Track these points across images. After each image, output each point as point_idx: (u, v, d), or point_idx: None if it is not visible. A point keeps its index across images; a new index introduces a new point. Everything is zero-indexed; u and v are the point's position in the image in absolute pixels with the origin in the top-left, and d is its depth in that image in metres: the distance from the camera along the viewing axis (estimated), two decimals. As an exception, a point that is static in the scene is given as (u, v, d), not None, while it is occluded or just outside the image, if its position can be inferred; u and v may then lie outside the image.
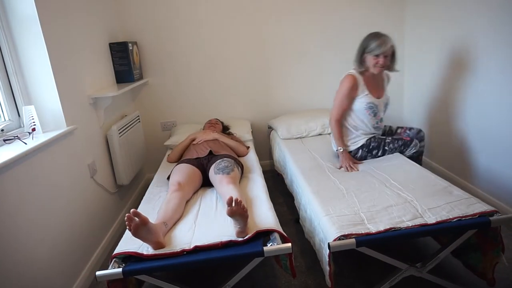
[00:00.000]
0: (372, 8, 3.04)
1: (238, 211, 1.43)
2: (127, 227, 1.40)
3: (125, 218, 1.39)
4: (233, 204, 1.42)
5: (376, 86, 2.19)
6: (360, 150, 2.22)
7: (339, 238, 1.41)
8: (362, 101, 2.13)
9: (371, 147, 2.21)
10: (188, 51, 3.01)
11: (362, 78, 2.14)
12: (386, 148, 2.22)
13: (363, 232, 1.44)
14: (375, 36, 2.05)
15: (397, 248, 1.96)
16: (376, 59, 2.05)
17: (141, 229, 1.41)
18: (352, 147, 2.23)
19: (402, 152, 2.23)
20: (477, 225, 1.44)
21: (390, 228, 1.44)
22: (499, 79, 2.12)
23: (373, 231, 1.44)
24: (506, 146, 2.13)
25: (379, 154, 2.23)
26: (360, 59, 2.13)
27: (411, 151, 2.21)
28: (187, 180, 1.95)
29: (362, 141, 2.22)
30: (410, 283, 1.66)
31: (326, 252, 1.46)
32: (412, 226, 1.45)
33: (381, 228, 1.45)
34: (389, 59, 2.09)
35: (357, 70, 2.16)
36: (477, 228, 1.46)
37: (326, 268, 1.48)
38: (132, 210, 1.40)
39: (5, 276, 1.35)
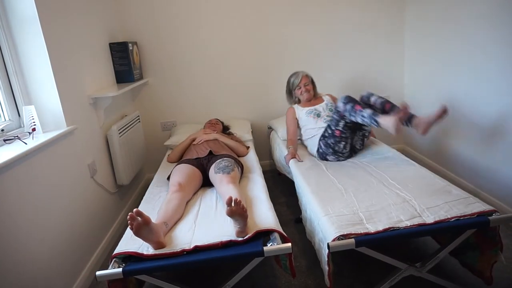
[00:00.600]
0: (372, 8, 3.04)
1: (238, 211, 1.43)
2: (129, 226, 1.41)
3: (128, 217, 1.39)
4: (233, 204, 1.43)
5: (313, 105, 2.52)
6: (320, 142, 2.29)
7: (338, 238, 1.41)
8: (303, 113, 2.49)
9: (322, 132, 2.29)
10: (188, 51, 3.01)
11: (298, 105, 2.58)
12: (327, 120, 2.24)
13: (361, 232, 1.44)
14: (291, 75, 2.59)
15: (397, 247, 1.97)
16: (300, 89, 2.52)
17: (143, 228, 1.41)
18: (316, 145, 2.34)
19: (343, 115, 2.11)
20: (476, 224, 1.44)
21: (389, 228, 1.45)
22: (499, 79, 2.13)
23: (372, 231, 1.44)
24: (506, 145, 2.14)
25: (329, 131, 2.22)
26: (291, 96, 2.63)
27: (346, 103, 2.05)
28: (188, 181, 1.95)
29: (317, 136, 2.34)
30: (409, 283, 1.67)
31: (325, 252, 1.46)
32: (410, 225, 1.46)
33: (380, 228, 1.45)
34: (311, 86, 2.54)
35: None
36: (476, 228, 1.46)
37: (325, 267, 1.48)
38: (135, 209, 1.41)
39: (5, 276, 1.35)
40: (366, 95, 2.19)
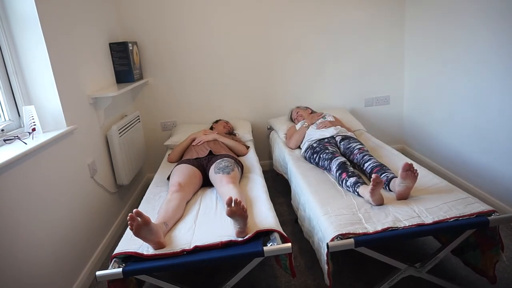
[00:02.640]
0: (372, 8, 3.04)
1: (238, 211, 1.43)
2: (129, 226, 1.41)
3: (128, 217, 1.39)
4: (233, 205, 1.43)
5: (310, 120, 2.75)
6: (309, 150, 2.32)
7: (336, 237, 1.42)
8: (299, 124, 2.72)
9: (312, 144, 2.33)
10: (188, 51, 3.01)
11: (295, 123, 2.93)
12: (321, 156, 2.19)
13: (360, 231, 1.44)
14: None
15: (397, 247, 1.97)
16: (296, 119, 2.90)
17: (143, 229, 1.41)
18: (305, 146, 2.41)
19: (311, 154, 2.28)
20: (476, 224, 1.44)
21: (387, 228, 1.45)
22: (499, 78, 2.13)
23: (371, 231, 1.44)
24: (506, 145, 2.14)
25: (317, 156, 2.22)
26: (291, 119, 3.02)
27: (336, 170, 1.98)
28: (187, 181, 1.95)
29: (307, 143, 2.39)
30: (410, 283, 1.67)
31: (324, 251, 1.47)
32: (409, 226, 1.46)
33: (379, 228, 1.45)
34: (301, 112, 2.87)
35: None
36: (475, 228, 1.46)
37: (325, 267, 1.49)
38: (134, 210, 1.41)
39: (5, 276, 1.35)
40: (359, 158, 2.07)
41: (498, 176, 2.22)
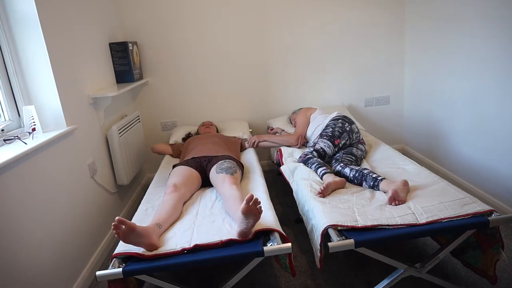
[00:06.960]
0: (372, 7, 3.04)
1: (254, 211, 1.40)
2: (116, 235, 1.39)
3: (112, 227, 1.38)
4: (251, 203, 1.39)
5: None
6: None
7: (326, 229, 1.46)
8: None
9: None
10: (188, 51, 3.01)
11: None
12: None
13: (349, 224, 1.48)
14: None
15: (397, 247, 1.97)
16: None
17: (130, 235, 1.40)
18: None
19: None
20: (476, 225, 1.43)
21: (378, 225, 1.46)
22: (499, 78, 2.13)
23: (359, 225, 1.47)
24: (507, 145, 2.14)
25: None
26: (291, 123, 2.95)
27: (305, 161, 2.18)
28: (184, 182, 1.94)
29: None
30: (410, 283, 1.67)
31: (318, 240, 1.52)
32: (400, 223, 1.46)
33: (369, 224, 1.47)
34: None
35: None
36: (475, 228, 1.45)
37: (317, 254, 1.54)
38: (116, 218, 1.38)
39: (5, 276, 1.35)
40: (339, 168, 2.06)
41: (499, 176, 2.22)
